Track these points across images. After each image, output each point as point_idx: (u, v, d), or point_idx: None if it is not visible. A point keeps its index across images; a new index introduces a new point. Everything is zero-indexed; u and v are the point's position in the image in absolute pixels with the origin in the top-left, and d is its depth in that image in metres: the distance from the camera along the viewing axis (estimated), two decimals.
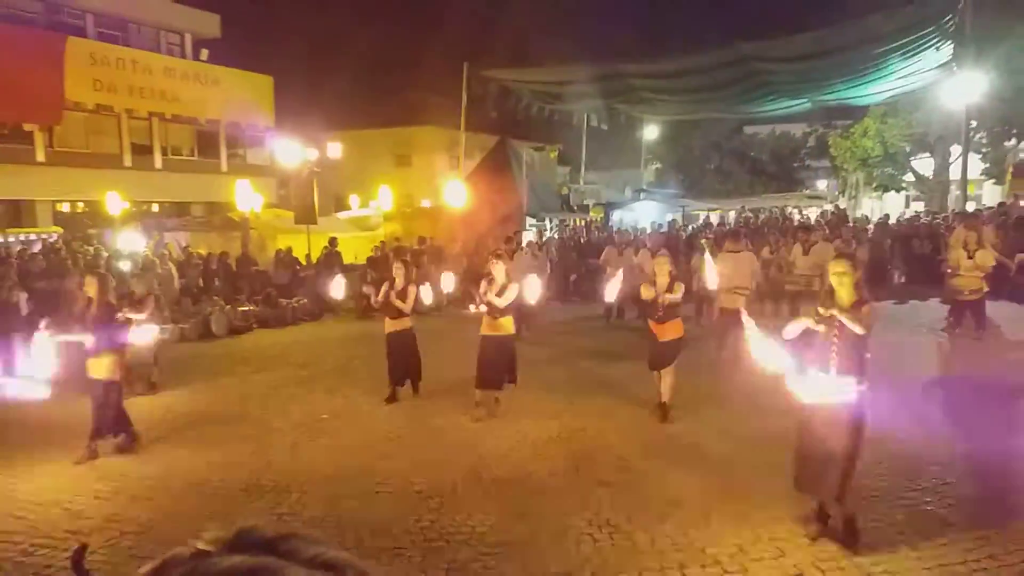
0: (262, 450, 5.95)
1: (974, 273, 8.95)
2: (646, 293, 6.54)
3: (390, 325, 7.31)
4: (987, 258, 9.08)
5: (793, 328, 4.21)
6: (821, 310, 4.08)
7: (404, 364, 7.32)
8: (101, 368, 5.86)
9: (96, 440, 5.88)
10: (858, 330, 3.92)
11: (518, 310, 7.57)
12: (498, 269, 6.71)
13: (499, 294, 6.56)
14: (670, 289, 6.44)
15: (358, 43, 27.92)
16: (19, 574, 4.00)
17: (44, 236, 15.53)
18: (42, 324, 5.33)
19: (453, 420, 6.59)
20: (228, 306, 12.13)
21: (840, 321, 3.96)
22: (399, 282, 7.28)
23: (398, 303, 7.19)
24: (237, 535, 0.45)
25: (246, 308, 12.43)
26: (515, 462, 5.48)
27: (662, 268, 6.58)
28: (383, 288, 7.26)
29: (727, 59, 14.63)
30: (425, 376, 8.38)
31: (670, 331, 6.47)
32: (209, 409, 7.00)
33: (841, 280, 4.04)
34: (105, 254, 12.80)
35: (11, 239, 14.84)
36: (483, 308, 6.78)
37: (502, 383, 6.73)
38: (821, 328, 4.07)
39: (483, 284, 6.75)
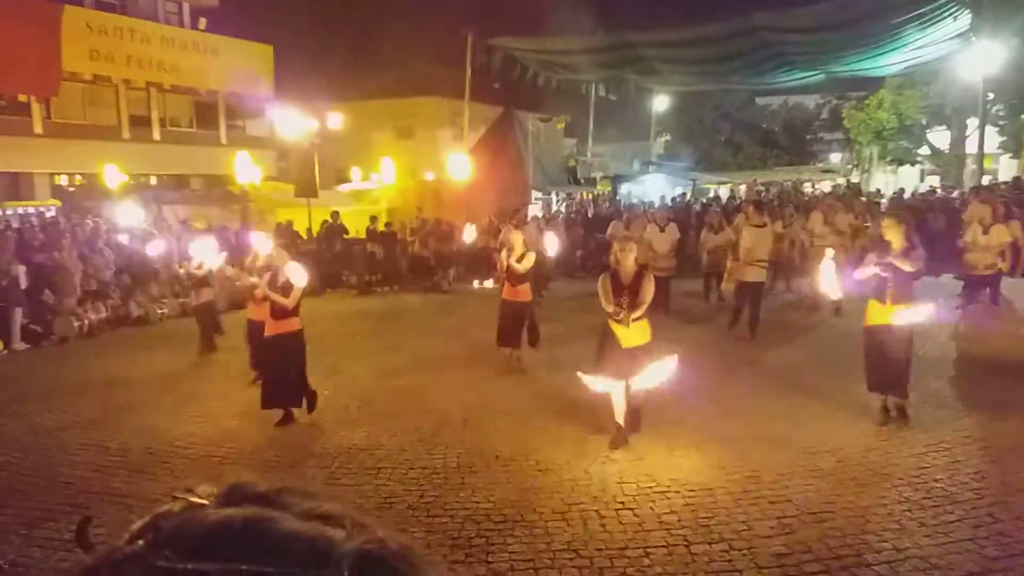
0: (264, 425, 5.91)
1: (989, 249, 8.80)
2: (606, 302, 5.14)
3: (272, 327, 5.85)
4: (1003, 234, 8.92)
5: (862, 271, 5.41)
6: (878, 257, 5.23)
7: (287, 376, 5.84)
8: (264, 312, 6.47)
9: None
10: (908, 268, 5.13)
11: (534, 276, 7.81)
12: (516, 238, 7.11)
13: (518, 262, 6.97)
14: (637, 288, 5.04)
15: (359, 11, 27.34)
16: (17, 547, 3.98)
17: (42, 209, 15.41)
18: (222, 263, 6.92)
19: (457, 397, 6.54)
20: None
21: (894, 263, 5.12)
22: (282, 274, 5.84)
23: (278, 299, 5.76)
24: (231, 489, 0.44)
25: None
26: (520, 439, 5.43)
27: (626, 256, 5.11)
28: (263, 280, 5.96)
29: (740, 30, 14.26)
30: (431, 352, 8.33)
31: (636, 335, 5.06)
32: (209, 385, 6.96)
33: (892, 231, 5.23)
34: (104, 227, 12.68)
35: (9, 212, 14.72)
36: (488, 284, 7.09)
37: (519, 342, 7.23)
38: (879, 270, 5.23)
39: (503, 252, 7.13)
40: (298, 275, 5.77)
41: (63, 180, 20.79)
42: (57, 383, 7.47)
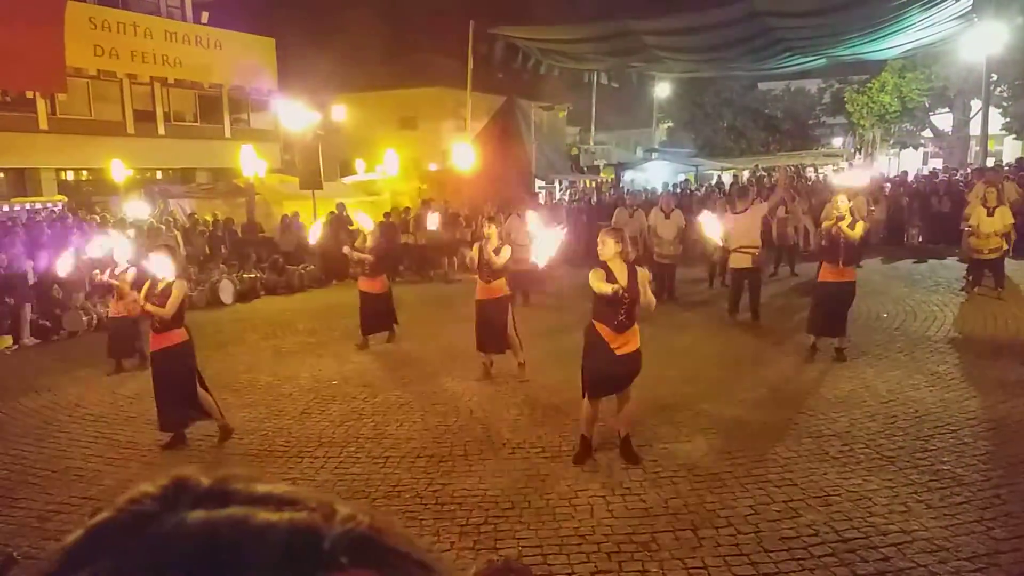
0: (272, 416, 5.97)
1: (993, 230, 8.75)
2: (602, 285, 4.40)
3: (154, 341, 5.24)
4: (1007, 215, 8.85)
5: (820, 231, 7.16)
6: (831, 224, 6.60)
7: (176, 396, 5.25)
8: (375, 285, 7.97)
9: (367, 336, 8.04)
10: (853, 236, 6.53)
11: (519, 279, 7.48)
12: (491, 231, 6.76)
13: (495, 254, 6.60)
14: (632, 284, 4.40)
15: (360, 3, 27.22)
16: (31, 539, 4.04)
17: (49, 205, 15.47)
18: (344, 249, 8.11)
19: (464, 386, 6.56)
20: (235, 273, 12.10)
21: (845, 230, 6.51)
22: (162, 280, 5.15)
23: (155, 311, 5.09)
24: (174, 489, 0.37)
25: (253, 275, 12.40)
26: (526, 427, 5.45)
27: (608, 250, 4.48)
28: (143, 290, 5.23)
29: (741, 16, 14.13)
30: (435, 342, 8.35)
31: (631, 340, 4.54)
32: (218, 376, 6.98)
33: (845, 206, 6.62)
34: (111, 222, 12.73)
35: (16, 208, 14.78)
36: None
37: (503, 346, 6.73)
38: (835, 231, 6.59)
39: (476, 246, 6.77)
40: (164, 268, 4.99)
41: (69, 176, 20.86)
42: (67, 377, 7.53)
